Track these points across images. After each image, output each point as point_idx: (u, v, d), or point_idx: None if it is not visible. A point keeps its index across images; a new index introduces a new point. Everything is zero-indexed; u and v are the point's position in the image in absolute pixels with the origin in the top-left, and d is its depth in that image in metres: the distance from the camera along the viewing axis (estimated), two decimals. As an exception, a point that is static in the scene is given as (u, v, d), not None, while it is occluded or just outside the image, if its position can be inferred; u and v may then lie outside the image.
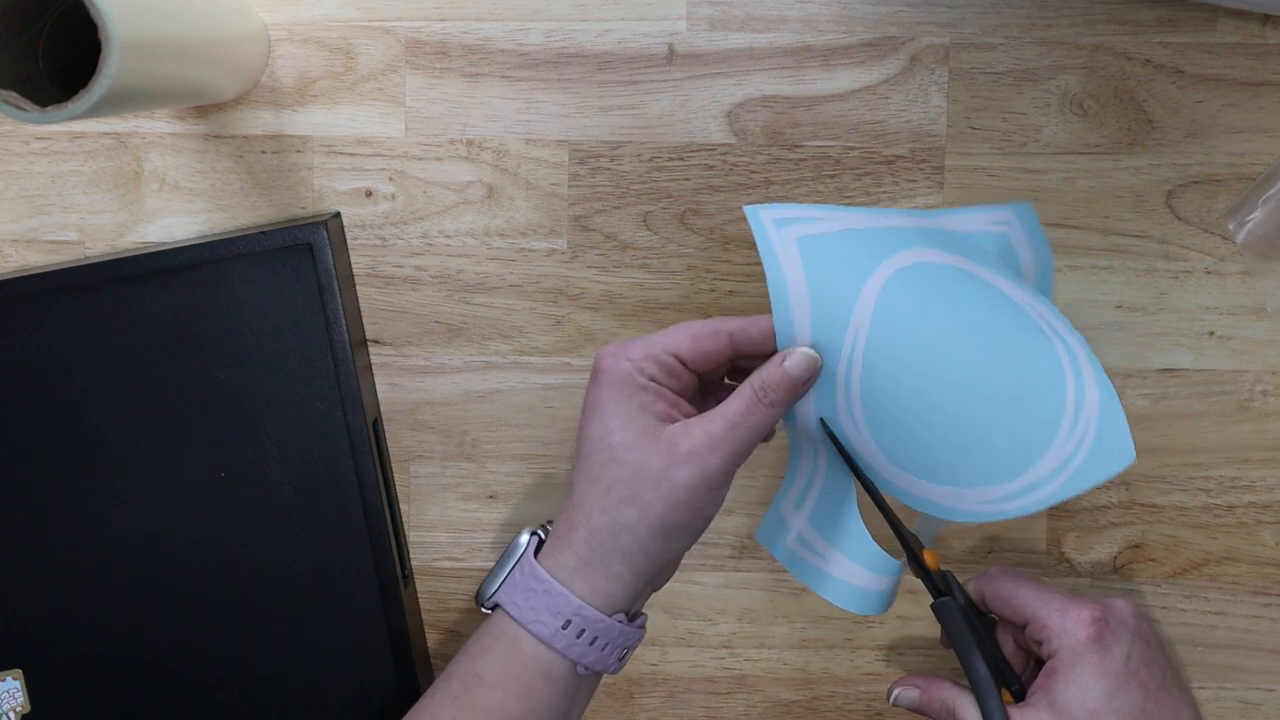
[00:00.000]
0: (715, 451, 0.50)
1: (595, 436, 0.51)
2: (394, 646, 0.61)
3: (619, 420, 0.51)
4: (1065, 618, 0.53)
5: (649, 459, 0.50)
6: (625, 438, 0.50)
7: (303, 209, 0.63)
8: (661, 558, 0.51)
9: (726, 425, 0.50)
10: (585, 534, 0.51)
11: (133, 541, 0.60)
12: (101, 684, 0.61)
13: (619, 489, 0.50)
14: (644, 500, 0.50)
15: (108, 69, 0.45)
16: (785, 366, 0.52)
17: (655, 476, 0.50)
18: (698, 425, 0.50)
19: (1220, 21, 0.60)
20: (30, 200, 0.63)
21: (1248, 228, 0.61)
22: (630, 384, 0.51)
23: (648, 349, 0.51)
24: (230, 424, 0.60)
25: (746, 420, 0.51)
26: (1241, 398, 0.62)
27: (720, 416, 0.51)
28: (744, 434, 0.51)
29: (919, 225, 0.55)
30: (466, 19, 0.61)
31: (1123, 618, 0.53)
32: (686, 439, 0.50)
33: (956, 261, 0.54)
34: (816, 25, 0.61)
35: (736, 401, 0.51)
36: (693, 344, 0.51)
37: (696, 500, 0.50)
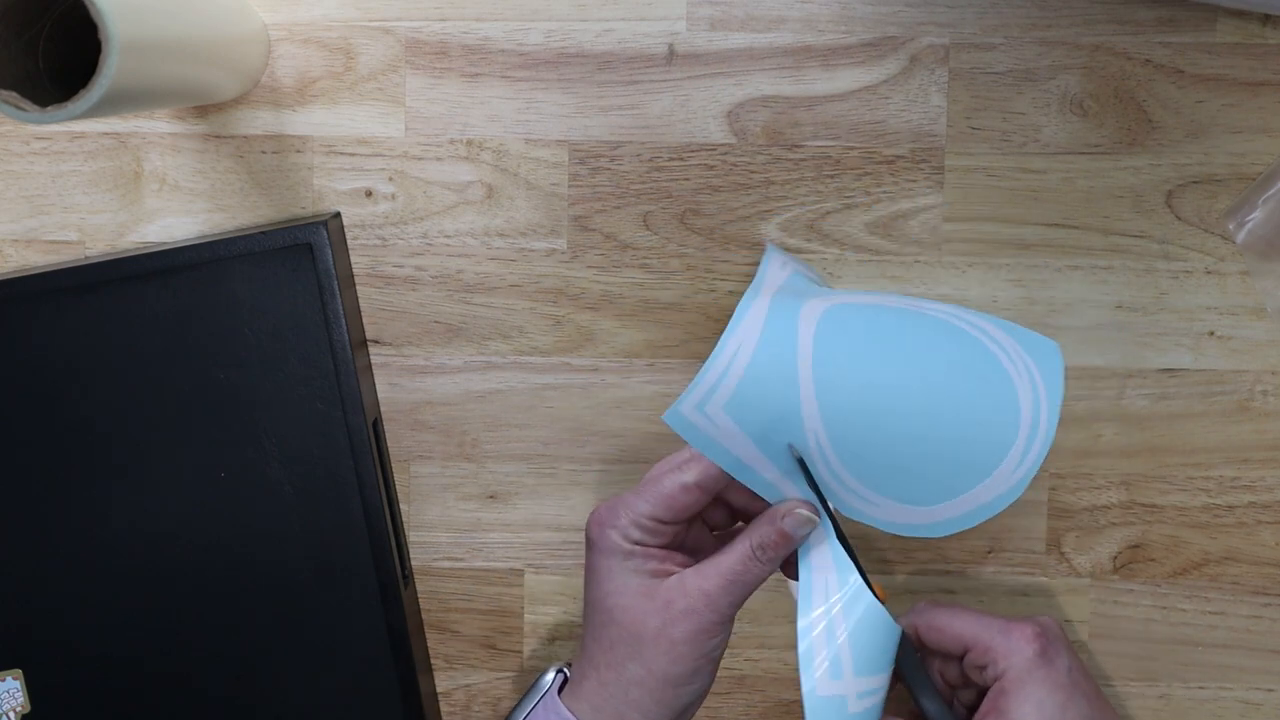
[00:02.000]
0: (711, 607, 0.51)
1: (594, 600, 0.53)
2: (394, 646, 0.61)
3: (614, 584, 0.52)
4: (1009, 638, 0.54)
5: (646, 619, 0.51)
6: (622, 600, 0.52)
7: (303, 209, 0.63)
8: (676, 704, 0.52)
9: (722, 583, 0.51)
10: (596, 684, 0.52)
11: (133, 541, 0.60)
12: (101, 684, 0.61)
13: (620, 648, 0.52)
14: (646, 657, 0.51)
15: (108, 69, 0.45)
16: (783, 526, 0.52)
17: (653, 635, 0.51)
18: (693, 581, 0.51)
19: (1220, 21, 0.60)
20: (30, 200, 0.63)
21: (1248, 228, 0.61)
22: (619, 551, 0.52)
23: (629, 515, 0.52)
24: (230, 424, 0.60)
25: (742, 577, 0.52)
26: (1241, 398, 0.62)
27: (716, 574, 0.52)
28: (739, 590, 0.52)
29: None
30: (466, 19, 0.61)
31: (1055, 632, 0.55)
32: (682, 596, 0.51)
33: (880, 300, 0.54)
34: (816, 25, 0.61)
35: (731, 558, 0.52)
36: (668, 505, 0.52)
37: (697, 651, 0.51)
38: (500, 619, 0.64)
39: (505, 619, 0.65)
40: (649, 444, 0.63)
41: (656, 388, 0.63)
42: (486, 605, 0.64)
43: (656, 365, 0.63)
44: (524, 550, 0.64)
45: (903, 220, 0.62)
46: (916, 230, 0.62)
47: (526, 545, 0.64)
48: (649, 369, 0.63)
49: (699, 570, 0.52)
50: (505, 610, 0.64)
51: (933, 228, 0.62)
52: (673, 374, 0.63)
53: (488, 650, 0.65)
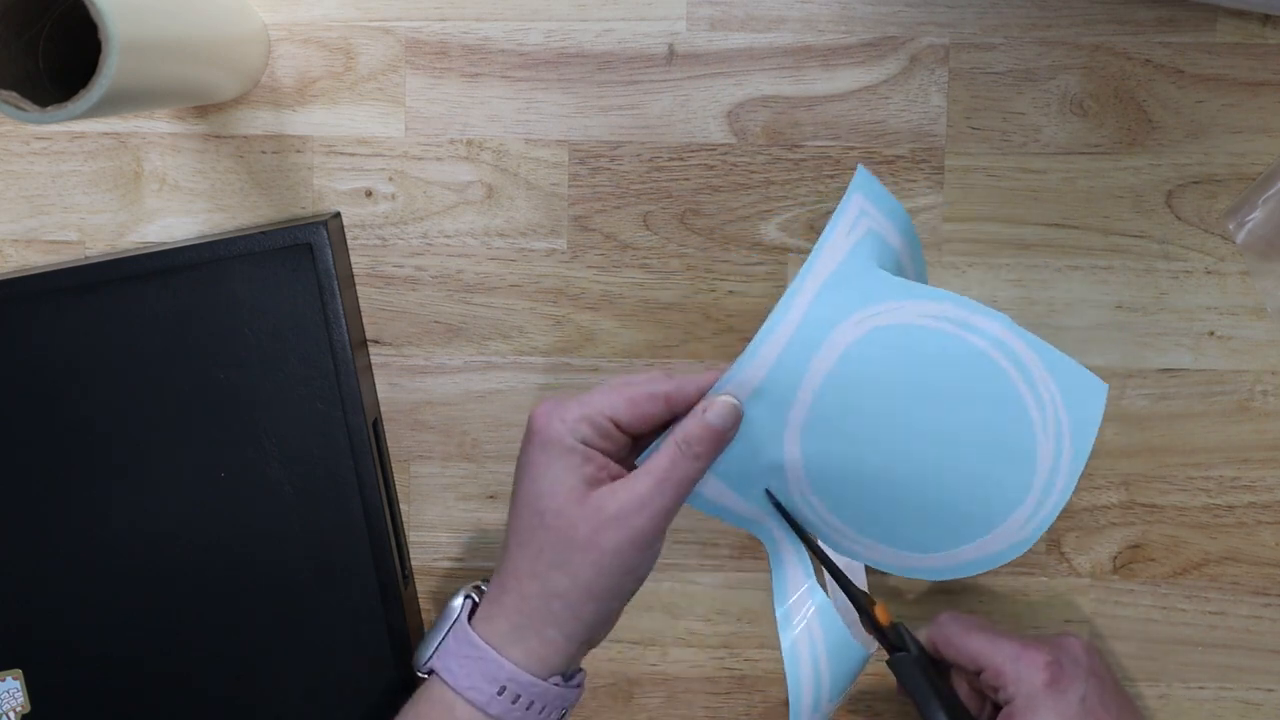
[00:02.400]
0: (642, 513, 0.49)
1: (524, 499, 0.51)
2: (394, 646, 0.61)
3: (547, 483, 0.50)
4: (1019, 664, 0.53)
5: (576, 524, 0.50)
6: (553, 503, 0.50)
7: (303, 209, 0.63)
8: (595, 620, 0.51)
9: (652, 484, 0.50)
10: (517, 599, 0.51)
11: (133, 541, 0.60)
12: (101, 684, 0.61)
13: (547, 554, 0.50)
14: (573, 566, 0.50)
15: (108, 69, 0.45)
16: (706, 417, 0.51)
17: (583, 542, 0.49)
18: (623, 487, 0.50)
19: (1220, 21, 0.60)
20: (30, 200, 0.63)
21: (1248, 228, 0.61)
22: (560, 445, 0.50)
23: (582, 409, 0.50)
24: (230, 424, 0.60)
25: (671, 475, 0.50)
26: (1241, 398, 0.62)
27: (645, 475, 0.50)
28: (670, 490, 0.50)
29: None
30: (466, 19, 0.61)
31: (1076, 657, 0.54)
32: (613, 501, 0.50)
33: (928, 312, 0.53)
34: (816, 25, 0.61)
35: (660, 458, 0.50)
36: (629, 407, 0.51)
37: (625, 563, 0.50)
38: (500, 619, 0.64)
39: (505, 619, 0.64)
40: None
41: (656, 388, 0.63)
42: (486, 605, 0.64)
43: (656, 365, 0.63)
44: (524, 550, 0.64)
45: (903, 220, 0.62)
46: (916, 230, 0.61)
47: (526, 545, 0.64)
48: (649, 369, 0.63)
49: (630, 477, 0.50)
50: (505, 610, 0.64)
51: (933, 228, 0.62)
52: (673, 374, 0.63)
53: (488, 650, 0.65)
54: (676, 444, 0.50)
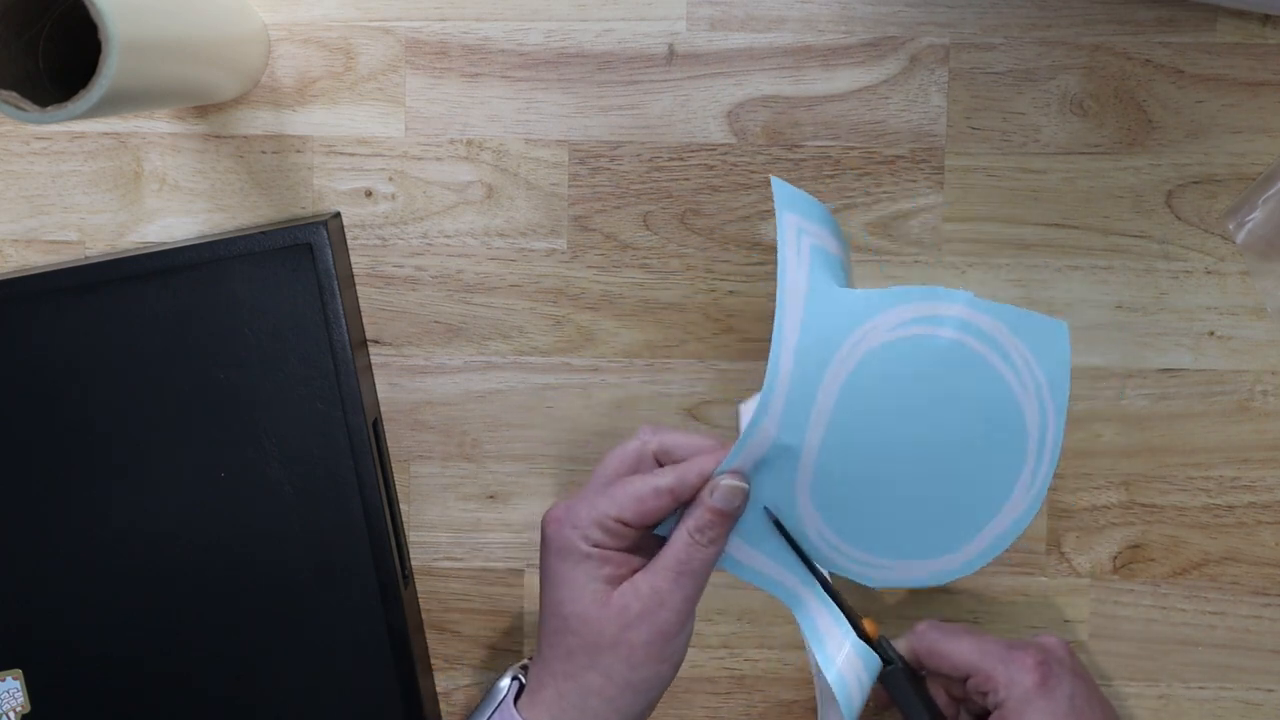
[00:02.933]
0: (665, 607, 0.50)
1: (549, 605, 0.52)
2: (394, 646, 0.61)
3: (569, 589, 0.51)
4: (1010, 667, 0.53)
5: (602, 626, 0.50)
6: (577, 608, 0.51)
7: (303, 209, 0.63)
8: (634, 711, 0.51)
9: (671, 578, 0.50)
10: (555, 695, 0.51)
11: (133, 541, 0.60)
12: (101, 684, 0.61)
13: (578, 656, 0.51)
14: (604, 665, 0.50)
15: (108, 69, 0.45)
16: (713, 502, 0.51)
17: (611, 642, 0.50)
18: (644, 582, 0.50)
19: (1220, 21, 0.60)
20: (30, 200, 0.63)
21: (1248, 228, 0.61)
22: (575, 552, 0.51)
23: (591, 514, 0.51)
24: (230, 424, 0.60)
25: (688, 566, 0.51)
26: (1241, 398, 0.62)
27: (663, 569, 0.51)
28: (689, 580, 0.51)
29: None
30: (466, 19, 0.61)
31: (1060, 657, 0.54)
32: (635, 600, 0.50)
33: (899, 317, 0.53)
34: (816, 25, 0.61)
35: (674, 549, 0.51)
36: (636, 505, 0.51)
37: (657, 654, 0.50)
38: (500, 619, 0.64)
39: (505, 619, 0.64)
40: (649, 444, 0.63)
41: (656, 388, 0.63)
42: (486, 605, 0.64)
43: (656, 365, 0.63)
44: (524, 550, 0.64)
45: (903, 220, 0.62)
46: (916, 230, 0.62)
47: (526, 545, 0.64)
48: (649, 369, 0.63)
49: (648, 570, 0.51)
50: (505, 610, 0.64)
51: (933, 228, 0.62)
52: (673, 374, 0.63)
53: (488, 650, 0.65)
54: (689, 534, 0.51)
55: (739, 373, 0.63)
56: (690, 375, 0.63)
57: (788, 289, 0.51)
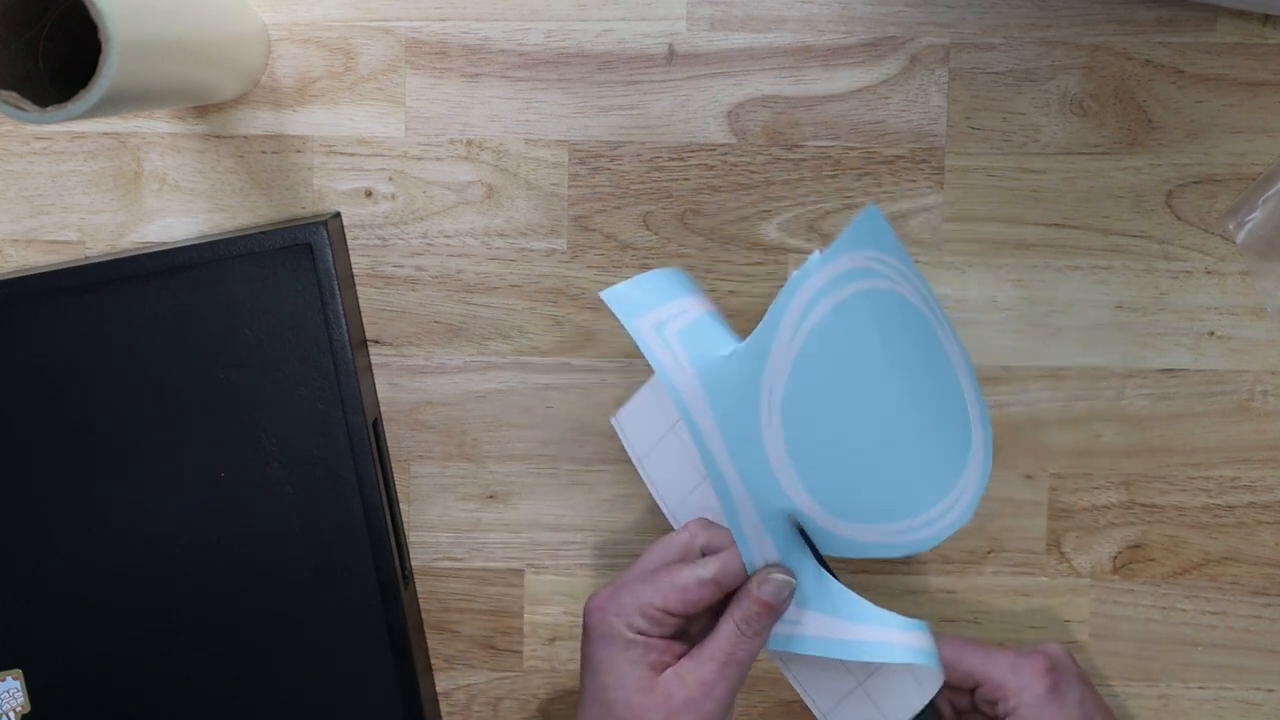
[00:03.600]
0: (710, 696, 0.51)
1: (592, 691, 0.52)
2: (394, 646, 0.61)
3: (613, 676, 0.51)
4: (1019, 674, 0.54)
5: (646, 713, 0.50)
6: (621, 694, 0.51)
7: (303, 209, 0.63)
8: None
9: (717, 667, 0.51)
10: None
11: (133, 541, 0.60)
12: (101, 684, 0.61)
13: None
14: None
15: (108, 69, 0.45)
16: (761, 595, 0.52)
17: None
18: (690, 670, 0.51)
19: (1220, 21, 0.60)
20: (30, 200, 0.63)
21: (1248, 228, 0.61)
22: (620, 640, 0.51)
23: (636, 602, 0.51)
24: (230, 424, 0.60)
25: (734, 657, 0.51)
26: (1241, 398, 0.62)
27: (709, 659, 0.51)
28: (734, 670, 0.51)
29: None
30: (466, 19, 0.61)
31: (1065, 663, 0.55)
32: (681, 688, 0.51)
33: (877, 285, 0.52)
34: (816, 25, 0.61)
35: (721, 641, 0.51)
36: (680, 597, 0.51)
37: None
38: (500, 619, 0.64)
39: (505, 619, 0.65)
40: (649, 444, 0.63)
41: (656, 388, 0.63)
42: (486, 605, 0.64)
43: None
44: (524, 550, 0.64)
45: (903, 220, 0.62)
46: (916, 230, 0.62)
47: (526, 545, 0.64)
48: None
49: (694, 659, 0.51)
50: (505, 610, 0.64)
51: (933, 228, 0.62)
52: (673, 374, 0.63)
53: (488, 650, 0.65)
54: (737, 626, 0.52)
55: (739, 373, 0.63)
56: (690, 375, 0.63)
57: (680, 388, 0.51)
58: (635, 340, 0.52)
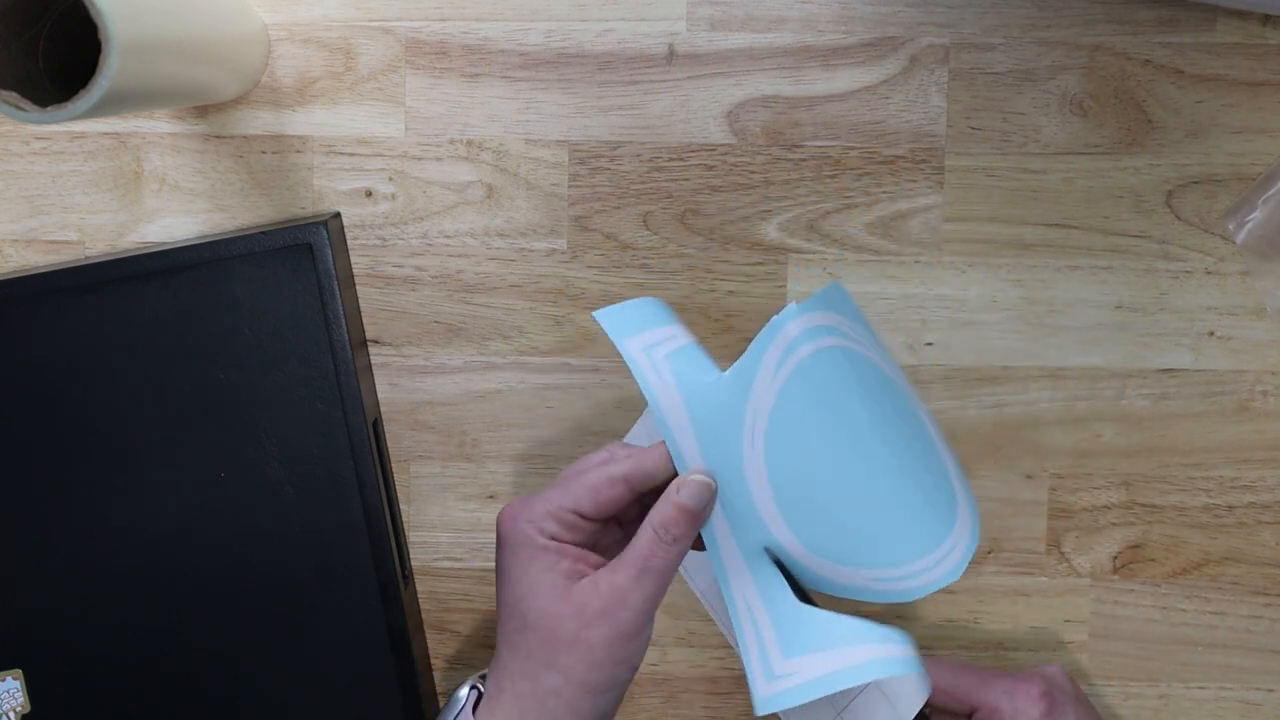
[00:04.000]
0: (625, 605, 0.49)
1: (507, 602, 0.51)
2: (394, 646, 0.61)
3: (525, 585, 0.50)
4: (1015, 699, 0.54)
5: (560, 623, 0.49)
6: (535, 603, 0.49)
7: (303, 209, 0.63)
8: (593, 713, 0.50)
9: (633, 574, 0.49)
10: (513, 698, 0.50)
11: (133, 541, 0.60)
12: (101, 684, 0.61)
13: (537, 654, 0.49)
14: (562, 664, 0.49)
15: (108, 69, 0.45)
16: (679, 499, 0.50)
17: (569, 639, 0.49)
18: (605, 579, 0.49)
19: (1220, 21, 0.60)
20: (30, 200, 0.63)
21: (1248, 228, 0.61)
22: (531, 546, 0.50)
23: (546, 507, 0.50)
24: (230, 424, 0.60)
25: (651, 563, 0.49)
26: (1241, 398, 0.62)
27: (625, 565, 0.49)
28: (652, 578, 0.49)
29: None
30: (466, 19, 0.61)
31: (1061, 685, 0.55)
32: (595, 596, 0.49)
33: (851, 345, 0.52)
34: (816, 25, 0.61)
35: (638, 546, 0.50)
36: (591, 496, 0.50)
37: (616, 655, 0.49)
38: (500, 619, 0.64)
39: (505, 619, 0.64)
40: (649, 444, 0.63)
41: (656, 388, 0.63)
42: (486, 605, 0.64)
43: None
44: (524, 550, 0.64)
45: (903, 220, 0.62)
46: (916, 230, 0.62)
47: (526, 545, 0.64)
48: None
49: (610, 567, 0.50)
50: (505, 610, 0.64)
51: (933, 228, 0.62)
52: (673, 374, 0.63)
53: (488, 650, 0.65)
54: (654, 530, 0.50)
55: (739, 373, 0.63)
56: (690, 375, 0.63)
57: (665, 410, 0.51)
58: (625, 359, 0.51)
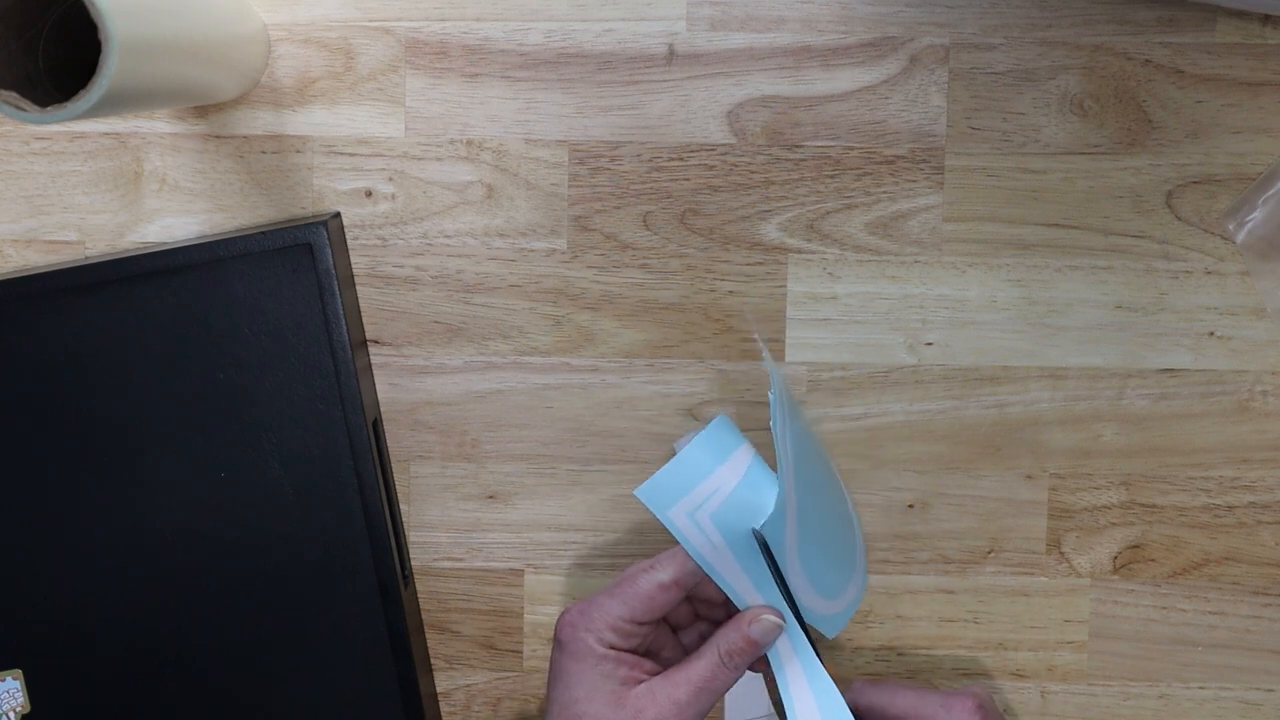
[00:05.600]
0: (680, 717, 0.51)
1: (562, 703, 0.52)
2: (394, 646, 0.61)
3: (583, 690, 0.51)
4: (951, 713, 0.54)
5: None
6: (591, 708, 0.51)
7: (303, 209, 0.63)
8: None
9: (691, 691, 0.51)
10: None
11: (132, 541, 0.60)
12: (101, 684, 0.61)
13: None
14: None
15: (108, 69, 0.45)
16: (749, 632, 0.53)
17: None
18: (662, 690, 0.51)
19: (1220, 21, 0.60)
20: (30, 200, 0.63)
21: (1248, 228, 0.61)
22: (592, 655, 0.52)
23: (605, 617, 0.52)
24: (230, 424, 0.60)
25: (710, 684, 0.52)
26: (1241, 398, 0.62)
27: (685, 681, 0.51)
28: (707, 698, 0.52)
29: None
30: (466, 19, 0.61)
31: (990, 705, 0.55)
32: (652, 705, 0.51)
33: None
34: (816, 25, 0.61)
35: (701, 666, 0.52)
36: (646, 604, 0.52)
37: None
38: (500, 619, 0.64)
39: (505, 619, 0.64)
40: (649, 444, 0.63)
41: (656, 388, 0.63)
42: (486, 605, 0.64)
43: (656, 365, 0.63)
44: (524, 550, 0.64)
45: (903, 220, 0.62)
46: (916, 230, 0.62)
47: (526, 545, 0.64)
48: (649, 369, 0.63)
49: (668, 678, 0.52)
50: (505, 610, 0.64)
51: (933, 228, 0.62)
52: (673, 374, 0.63)
53: (488, 650, 0.65)
54: (719, 655, 0.52)
55: (739, 373, 0.63)
56: (690, 375, 0.63)
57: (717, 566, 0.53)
58: (670, 530, 0.53)
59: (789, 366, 0.62)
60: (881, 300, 0.62)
